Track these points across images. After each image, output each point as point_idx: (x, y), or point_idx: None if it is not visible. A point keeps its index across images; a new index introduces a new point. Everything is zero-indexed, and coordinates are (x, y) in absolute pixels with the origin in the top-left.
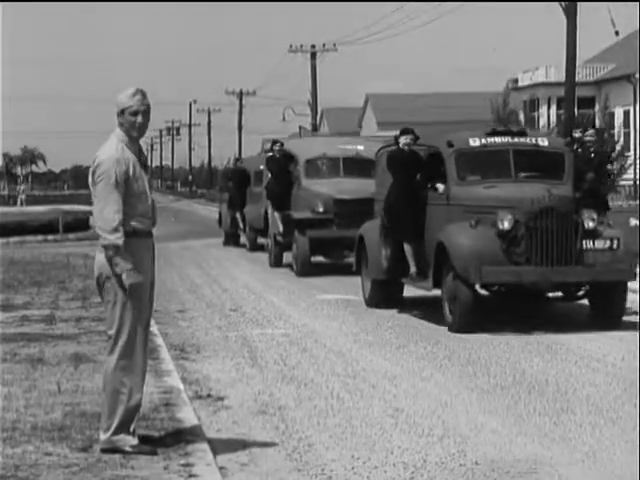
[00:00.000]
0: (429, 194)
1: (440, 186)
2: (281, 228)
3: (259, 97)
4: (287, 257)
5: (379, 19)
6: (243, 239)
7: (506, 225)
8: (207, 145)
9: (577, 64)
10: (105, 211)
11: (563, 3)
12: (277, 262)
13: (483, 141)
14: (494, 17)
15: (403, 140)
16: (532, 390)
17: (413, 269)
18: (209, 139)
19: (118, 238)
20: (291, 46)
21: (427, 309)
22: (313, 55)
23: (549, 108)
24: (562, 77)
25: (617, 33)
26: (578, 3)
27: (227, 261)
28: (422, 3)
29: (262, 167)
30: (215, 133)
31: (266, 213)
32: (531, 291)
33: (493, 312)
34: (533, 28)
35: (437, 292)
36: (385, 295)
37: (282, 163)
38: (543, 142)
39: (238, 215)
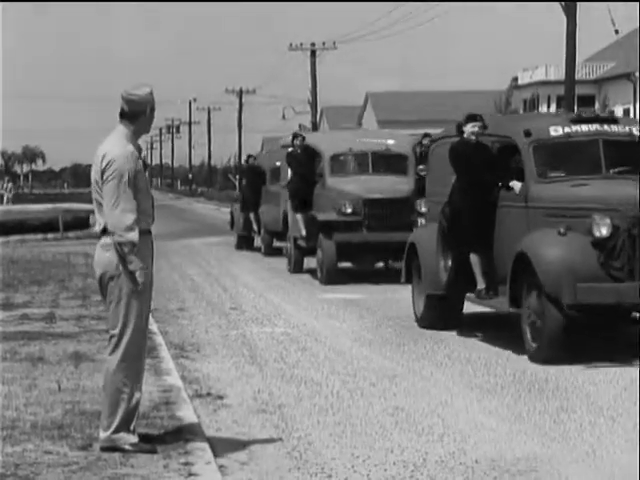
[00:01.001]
0: (501, 194)
1: (516, 184)
2: (303, 231)
3: (259, 95)
4: (307, 262)
5: (379, 17)
6: (257, 242)
7: (604, 232)
8: (207, 143)
9: (577, 63)
10: (119, 209)
11: (563, 2)
12: (297, 268)
13: (567, 130)
14: (494, 16)
15: (470, 128)
16: (532, 389)
17: (482, 285)
18: (209, 137)
19: (134, 235)
20: (291, 44)
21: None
22: (313, 53)
23: (549, 107)
24: (562, 75)
25: (617, 32)
26: (578, 2)
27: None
28: (422, 3)
29: (278, 164)
30: (215, 131)
31: (285, 214)
32: (620, 311)
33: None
34: (533, 27)
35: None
36: (442, 313)
37: (304, 159)
38: (637, 130)
39: (252, 216)
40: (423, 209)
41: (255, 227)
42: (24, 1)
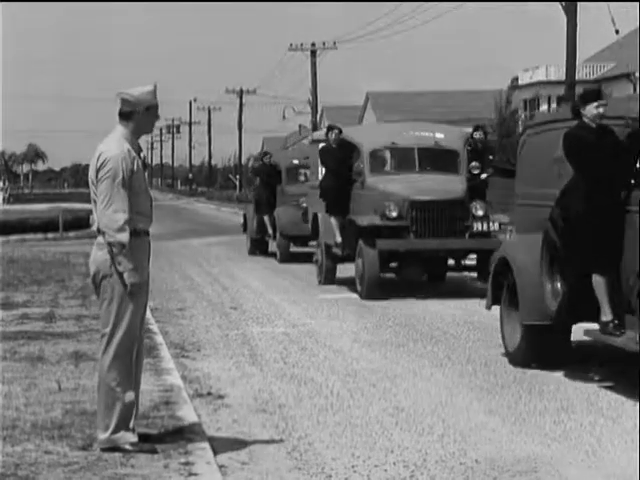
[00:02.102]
0: (634, 195)
1: None
2: (338, 237)
3: (259, 95)
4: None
5: (379, 17)
6: (272, 247)
7: None
8: (207, 143)
9: (577, 63)
10: (111, 209)
11: (563, 2)
12: (329, 278)
13: None
14: (494, 16)
15: (593, 110)
16: (532, 389)
17: (608, 315)
18: (209, 137)
19: (124, 236)
20: (291, 44)
21: (427, 310)
22: (313, 53)
23: (549, 107)
24: (562, 76)
25: (617, 32)
26: (578, 2)
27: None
28: (422, 2)
29: (296, 162)
30: (215, 131)
31: (315, 217)
32: None
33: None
34: (533, 27)
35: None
36: (546, 348)
37: (340, 155)
38: None
39: (266, 219)
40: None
41: (270, 231)
42: (25, 1)
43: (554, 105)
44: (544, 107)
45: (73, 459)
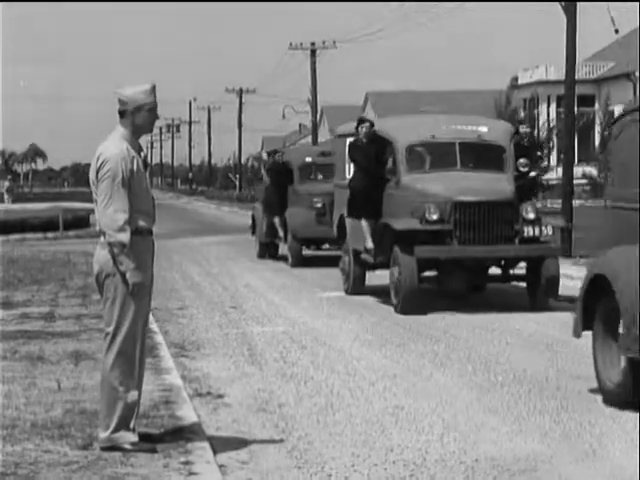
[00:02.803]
0: None
1: None
2: (370, 242)
3: (259, 95)
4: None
5: (379, 17)
6: (283, 250)
7: None
8: (207, 143)
9: (577, 62)
10: (111, 209)
11: (563, 2)
12: (357, 287)
13: None
14: (494, 16)
15: None
16: (532, 388)
17: None
18: (209, 137)
19: (125, 236)
20: (291, 44)
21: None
22: (313, 53)
23: (549, 106)
24: (562, 75)
25: (617, 31)
26: (578, 2)
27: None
28: (422, 3)
29: (309, 160)
30: (215, 131)
31: (341, 219)
32: None
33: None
34: (533, 27)
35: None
36: None
37: (371, 151)
38: None
39: (277, 221)
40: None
41: (280, 233)
42: (25, 1)
43: (554, 105)
44: (544, 107)
45: (73, 458)
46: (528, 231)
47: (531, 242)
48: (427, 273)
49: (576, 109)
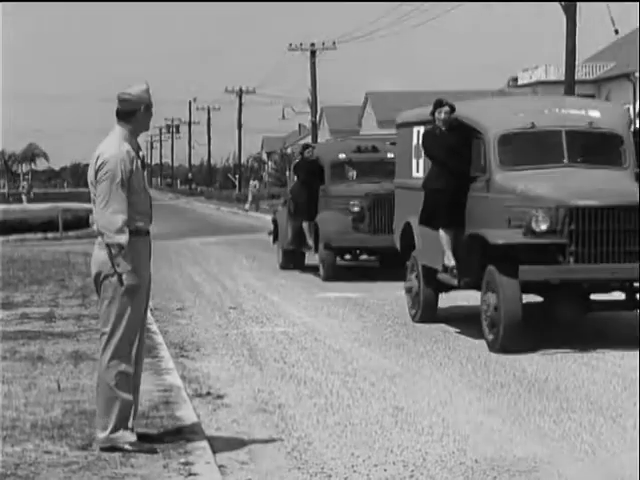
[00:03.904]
0: None
1: None
2: (451, 259)
3: (259, 95)
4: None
5: (379, 17)
6: (310, 259)
7: None
8: (207, 143)
9: (577, 63)
10: (109, 210)
11: (563, 2)
12: (428, 313)
13: None
14: (494, 16)
15: None
16: (532, 388)
17: None
18: (209, 137)
19: (123, 238)
20: (291, 44)
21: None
22: (313, 53)
23: None
24: (562, 75)
25: (617, 32)
26: (578, 2)
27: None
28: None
29: (342, 156)
30: (215, 131)
31: (407, 228)
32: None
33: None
34: (533, 27)
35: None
36: None
37: (452, 142)
38: None
39: (305, 226)
40: None
41: (310, 241)
42: (25, 1)
43: None
44: None
45: (73, 459)
46: None
47: None
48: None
49: None
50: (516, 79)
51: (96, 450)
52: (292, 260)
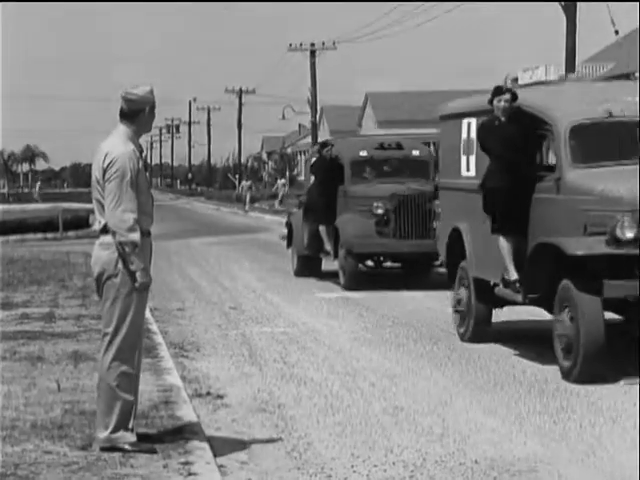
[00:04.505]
0: None
1: None
2: (513, 272)
3: (259, 95)
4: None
5: (379, 17)
6: (327, 265)
7: None
8: (207, 143)
9: (577, 63)
10: (120, 209)
11: (563, 2)
12: (481, 332)
13: None
14: (494, 16)
15: None
16: (532, 389)
17: None
18: (209, 137)
19: (136, 236)
20: (290, 44)
21: (427, 310)
22: (312, 53)
23: None
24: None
25: (617, 32)
26: (578, 2)
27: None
28: (422, 2)
29: (364, 154)
30: (215, 131)
31: (456, 233)
32: None
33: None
34: (533, 27)
35: None
36: None
37: (513, 134)
38: None
39: (323, 230)
40: None
41: (328, 246)
42: (25, 1)
43: None
44: None
45: (73, 459)
46: None
47: None
48: None
49: None
50: (516, 79)
51: (96, 450)
52: (308, 266)
